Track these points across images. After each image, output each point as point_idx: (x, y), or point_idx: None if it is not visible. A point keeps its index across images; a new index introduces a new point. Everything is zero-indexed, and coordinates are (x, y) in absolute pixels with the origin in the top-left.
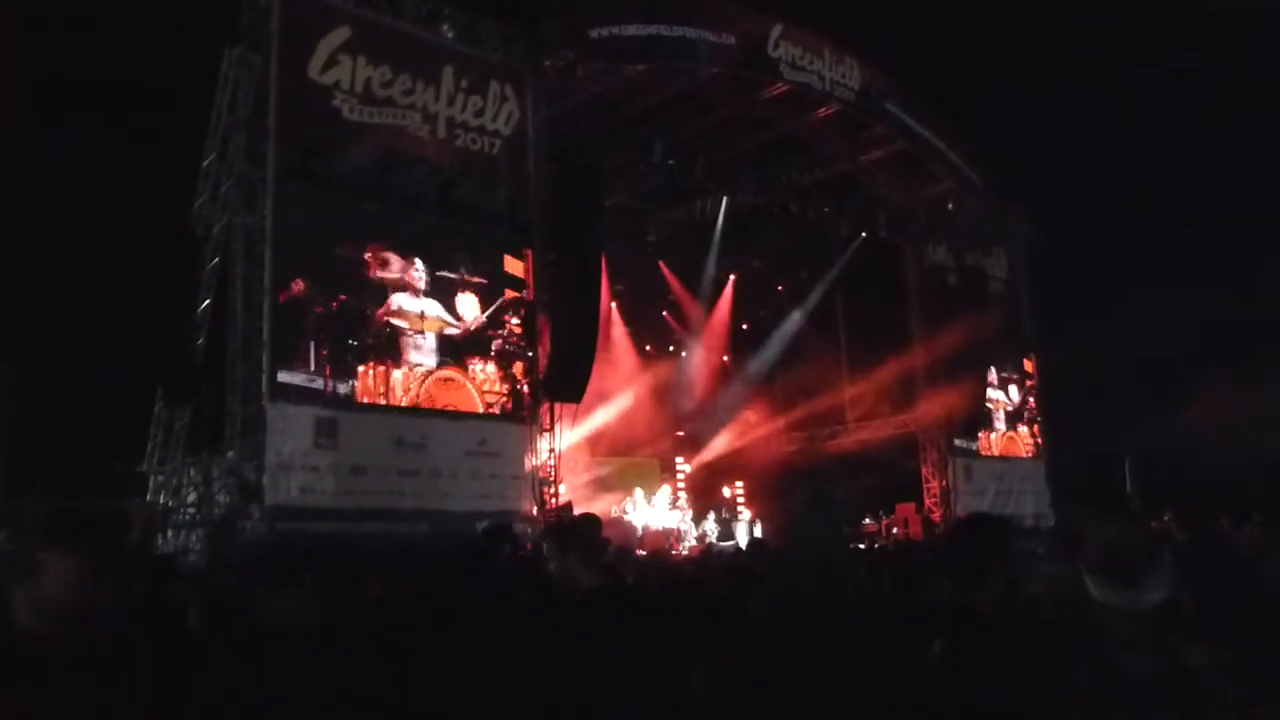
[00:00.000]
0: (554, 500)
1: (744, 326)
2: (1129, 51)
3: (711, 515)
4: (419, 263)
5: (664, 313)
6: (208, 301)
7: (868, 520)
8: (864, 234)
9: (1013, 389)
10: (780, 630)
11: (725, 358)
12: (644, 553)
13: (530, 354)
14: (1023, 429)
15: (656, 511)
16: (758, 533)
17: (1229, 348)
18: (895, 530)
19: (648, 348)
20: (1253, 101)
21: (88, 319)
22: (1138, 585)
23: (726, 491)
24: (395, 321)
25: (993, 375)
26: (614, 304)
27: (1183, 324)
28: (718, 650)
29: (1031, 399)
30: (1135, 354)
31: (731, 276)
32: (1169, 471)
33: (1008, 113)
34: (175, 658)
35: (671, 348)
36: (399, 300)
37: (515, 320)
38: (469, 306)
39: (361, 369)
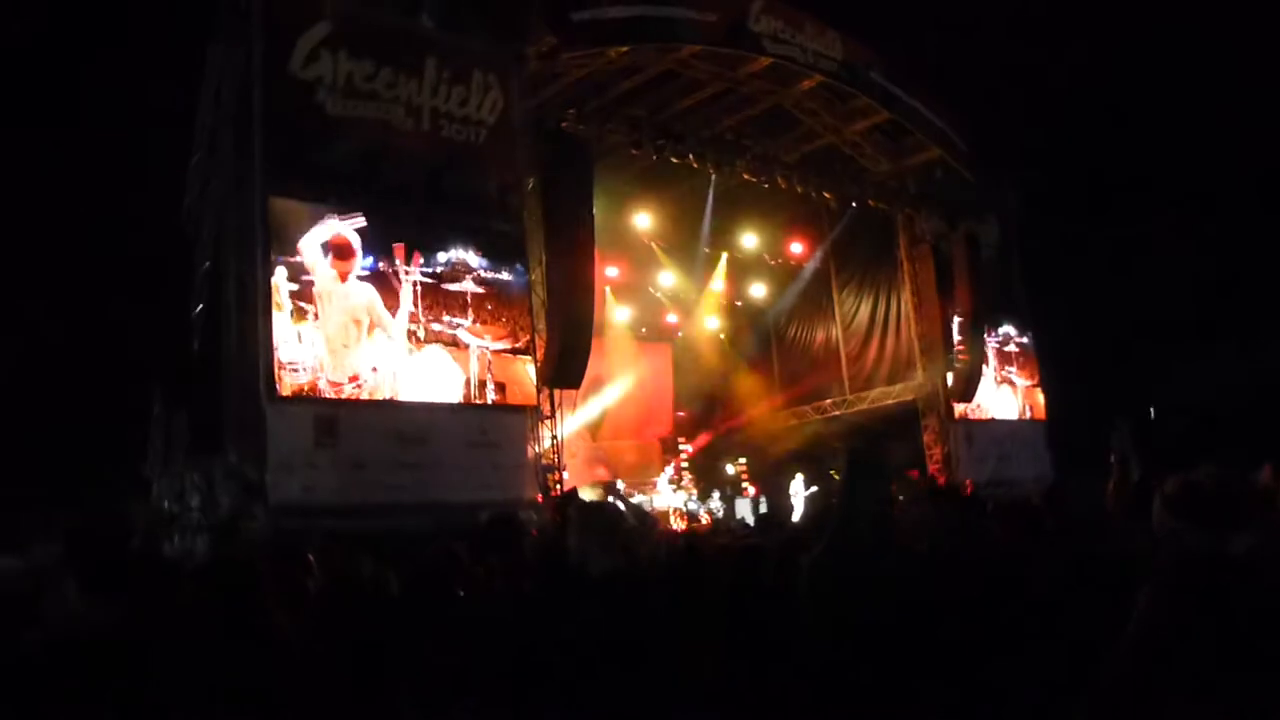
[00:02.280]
0: (558, 488)
1: (738, 304)
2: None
3: (716, 494)
4: None
5: (658, 294)
6: (201, 305)
7: None
8: (854, 205)
9: (1011, 354)
10: (833, 587)
11: (721, 335)
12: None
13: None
14: (1022, 394)
15: (659, 494)
16: (763, 509)
17: (1226, 310)
18: (900, 497)
19: (643, 329)
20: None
21: (81, 322)
22: (1224, 531)
23: (730, 469)
24: None
25: (990, 341)
26: (608, 287)
27: (1179, 286)
28: (735, 624)
29: (1029, 364)
30: (1131, 317)
31: (724, 254)
32: (1167, 432)
33: (995, 78)
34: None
35: (667, 329)
36: None
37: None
38: None
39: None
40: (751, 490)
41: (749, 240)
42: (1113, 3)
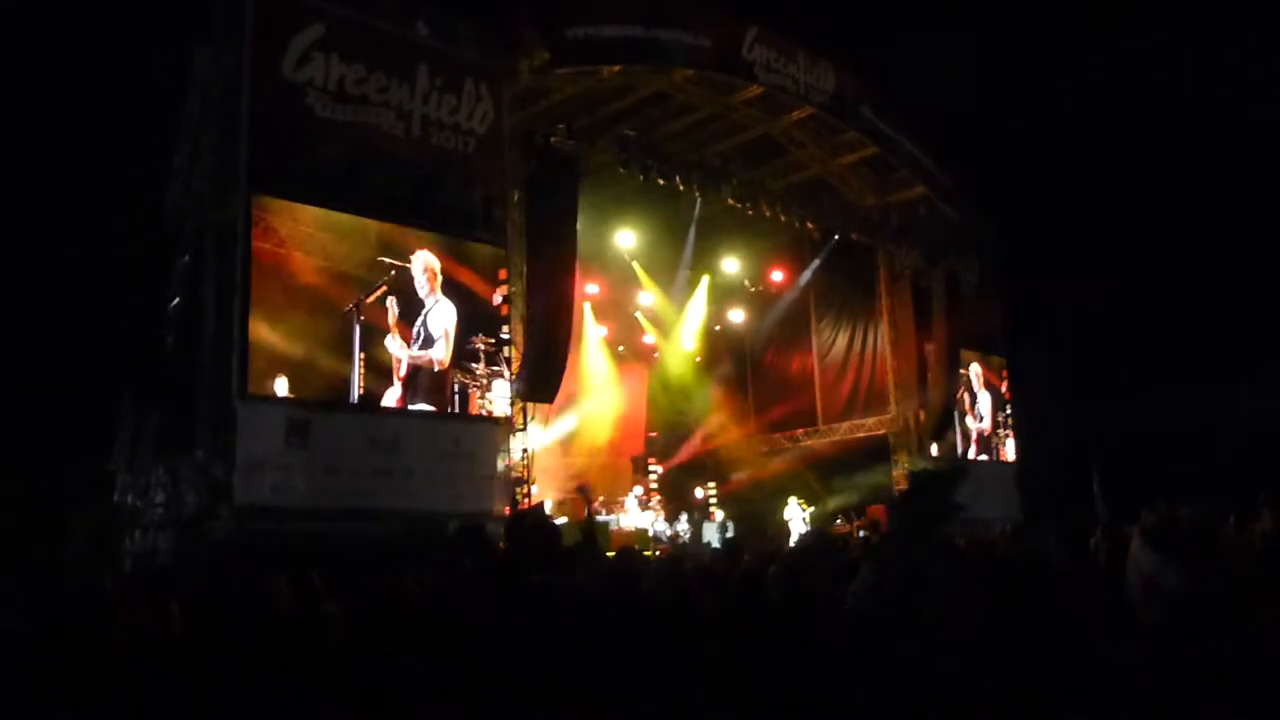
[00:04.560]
0: (527, 501)
1: (716, 328)
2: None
3: (684, 516)
4: None
5: (637, 314)
6: (178, 300)
7: (839, 521)
8: (836, 237)
9: (984, 392)
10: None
11: (698, 359)
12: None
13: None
14: (994, 432)
15: (627, 513)
16: (730, 534)
17: (1198, 350)
18: (865, 533)
19: (621, 348)
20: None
21: (55, 316)
22: (1192, 569)
23: (699, 492)
24: None
25: (964, 378)
26: (587, 304)
27: (1153, 326)
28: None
29: (1003, 402)
30: (1106, 357)
31: (705, 278)
32: (1138, 474)
33: (981, 115)
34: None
35: (644, 349)
36: None
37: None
38: None
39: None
40: (720, 514)
41: (730, 265)
42: (1096, 39)
